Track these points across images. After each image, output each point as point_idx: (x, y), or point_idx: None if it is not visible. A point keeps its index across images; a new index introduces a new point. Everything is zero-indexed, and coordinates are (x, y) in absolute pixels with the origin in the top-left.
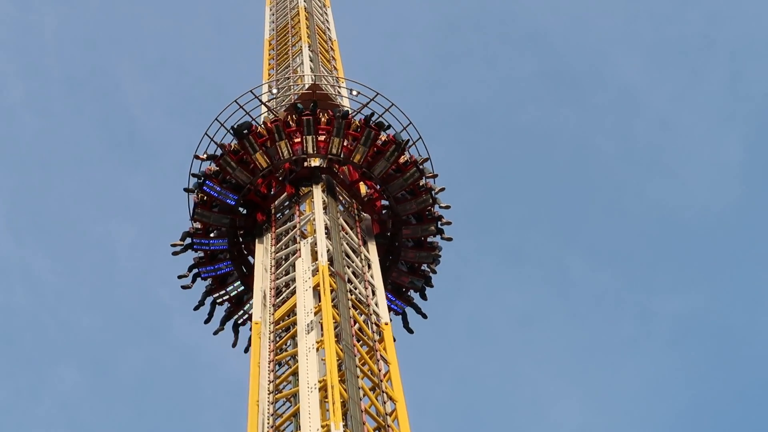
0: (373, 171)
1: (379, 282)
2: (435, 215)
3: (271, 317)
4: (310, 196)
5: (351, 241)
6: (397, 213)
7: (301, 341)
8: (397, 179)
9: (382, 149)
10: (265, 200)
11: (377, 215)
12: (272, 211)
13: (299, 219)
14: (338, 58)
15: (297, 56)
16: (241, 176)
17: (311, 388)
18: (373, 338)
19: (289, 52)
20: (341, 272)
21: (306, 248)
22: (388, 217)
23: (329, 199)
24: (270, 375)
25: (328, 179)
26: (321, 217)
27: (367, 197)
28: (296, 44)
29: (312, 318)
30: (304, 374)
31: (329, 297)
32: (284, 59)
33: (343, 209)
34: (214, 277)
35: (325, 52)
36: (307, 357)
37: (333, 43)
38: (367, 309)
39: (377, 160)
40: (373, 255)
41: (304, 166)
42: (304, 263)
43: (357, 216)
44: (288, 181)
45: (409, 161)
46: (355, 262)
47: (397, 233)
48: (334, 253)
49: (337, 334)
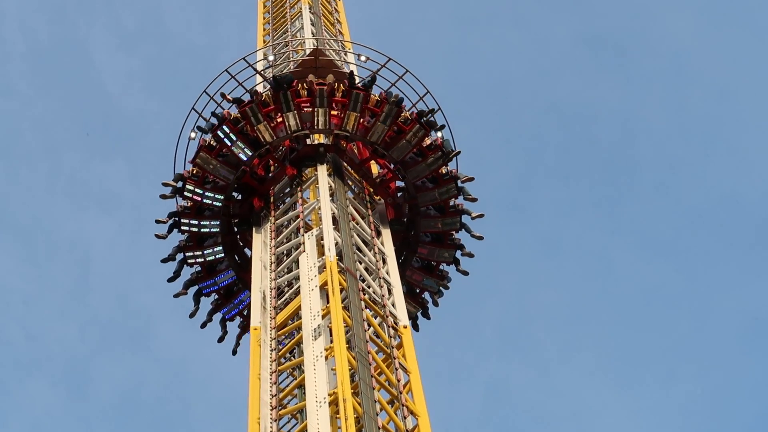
0: (392, 152)
1: (395, 279)
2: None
3: (272, 321)
4: (314, 181)
5: (362, 232)
6: (414, 198)
7: (307, 349)
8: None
9: (403, 128)
10: (263, 183)
11: (391, 198)
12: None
13: (302, 208)
14: (344, 21)
15: (296, 19)
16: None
17: (320, 403)
18: (390, 344)
19: (287, 15)
20: (352, 268)
21: (311, 242)
22: (404, 201)
23: (337, 182)
24: (272, 388)
25: (335, 159)
26: (328, 205)
27: (379, 178)
28: (295, 5)
29: (319, 322)
30: (311, 387)
31: (339, 297)
32: (281, 23)
33: (352, 195)
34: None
35: (328, 15)
36: (315, 367)
37: (338, 4)
38: (383, 310)
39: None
40: (389, 247)
41: (307, 144)
42: (310, 259)
43: (369, 203)
44: (289, 160)
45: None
46: (367, 257)
47: (415, 219)
48: (344, 247)
49: (348, 339)
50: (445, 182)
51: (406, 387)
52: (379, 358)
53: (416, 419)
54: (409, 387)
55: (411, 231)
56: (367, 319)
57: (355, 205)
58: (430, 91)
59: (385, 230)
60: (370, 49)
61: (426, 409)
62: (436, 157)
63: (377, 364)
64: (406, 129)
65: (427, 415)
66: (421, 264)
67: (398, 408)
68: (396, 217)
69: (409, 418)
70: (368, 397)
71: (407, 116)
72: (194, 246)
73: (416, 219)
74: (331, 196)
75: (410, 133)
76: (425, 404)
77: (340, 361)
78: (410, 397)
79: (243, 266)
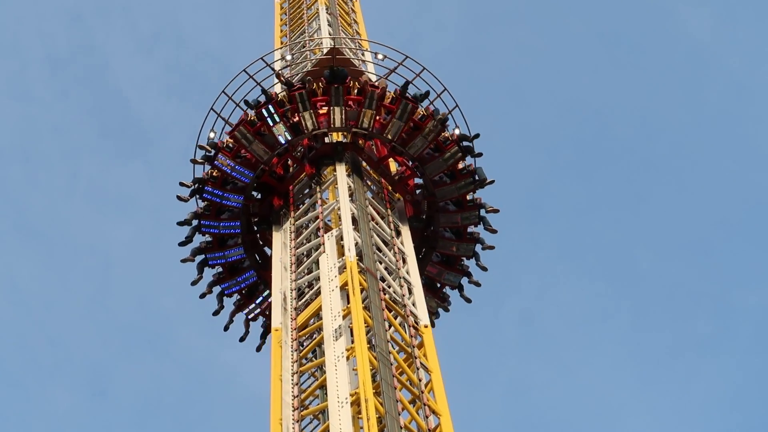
0: (409, 149)
1: (416, 278)
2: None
3: (292, 322)
4: (333, 181)
5: (382, 232)
6: (433, 195)
7: (328, 349)
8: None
9: (419, 124)
10: (282, 182)
11: (410, 195)
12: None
13: (322, 209)
14: (360, 21)
15: (313, 20)
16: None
17: (342, 403)
18: (411, 343)
19: (304, 16)
20: (372, 268)
21: (331, 242)
22: (423, 198)
23: (356, 181)
24: (294, 389)
25: (353, 157)
26: (347, 205)
27: (398, 175)
28: (312, 6)
29: (340, 322)
30: (333, 387)
31: (359, 297)
32: (299, 24)
33: (371, 195)
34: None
35: (345, 15)
36: (336, 367)
37: (354, 4)
38: (404, 310)
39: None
40: (408, 246)
41: (326, 143)
42: (330, 259)
43: (388, 202)
44: (307, 159)
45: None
46: (387, 257)
47: (434, 216)
48: (363, 247)
49: (369, 339)
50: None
51: (428, 386)
52: (400, 357)
53: (438, 418)
54: (430, 386)
55: (430, 227)
56: (387, 319)
57: (374, 205)
58: (448, 89)
59: (404, 229)
60: (387, 48)
61: (448, 408)
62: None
63: (398, 364)
64: (423, 125)
65: (449, 414)
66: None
67: (420, 407)
68: (415, 214)
69: (431, 417)
70: (390, 397)
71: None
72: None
73: (435, 215)
74: (350, 197)
75: (426, 128)
76: (447, 403)
77: (361, 361)
78: (432, 396)
79: (264, 266)
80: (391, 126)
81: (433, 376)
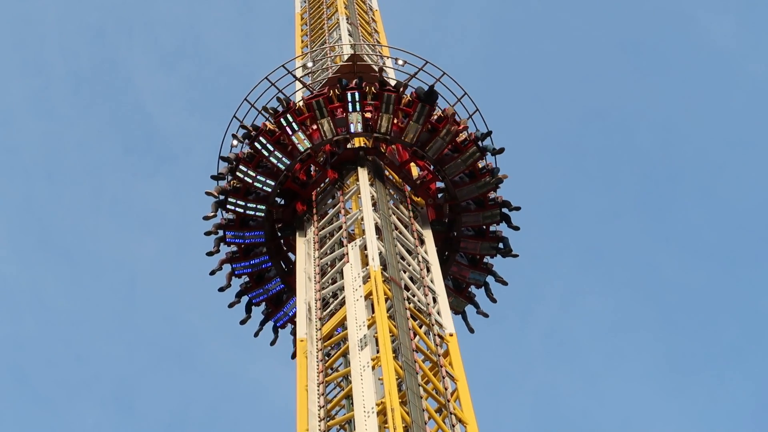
0: (427, 151)
1: (440, 287)
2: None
3: (318, 333)
4: (356, 191)
5: (406, 241)
6: (454, 197)
7: (354, 359)
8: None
9: (436, 126)
10: (305, 188)
11: (432, 200)
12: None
13: (345, 218)
14: (381, 31)
15: (334, 30)
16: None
17: (368, 413)
18: (436, 352)
19: (325, 27)
20: (396, 278)
21: (355, 252)
22: (444, 201)
23: (379, 190)
24: (320, 399)
25: (375, 161)
26: (371, 215)
27: (419, 180)
28: (332, 17)
29: (365, 332)
30: (359, 397)
31: (384, 307)
32: (319, 35)
33: (393, 203)
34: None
35: (365, 25)
36: (362, 377)
37: (375, 14)
38: (428, 319)
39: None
40: (432, 255)
41: (348, 148)
42: (354, 269)
43: (411, 211)
44: (330, 165)
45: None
46: (411, 266)
47: (456, 219)
48: (387, 256)
49: (394, 349)
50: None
51: (454, 395)
52: (425, 366)
53: (465, 427)
54: (456, 395)
55: (453, 230)
56: (412, 328)
57: (398, 214)
58: (468, 93)
59: (428, 237)
60: (407, 53)
61: (474, 416)
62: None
63: (424, 373)
64: (440, 127)
65: (476, 423)
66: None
67: (446, 416)
68: (437, 217)
69: (457, 426)
70: (416, 406)
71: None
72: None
73: (457, 218)
74: (373, 206)
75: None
76: (473, 412)
77: (387, 370)
78: (458, 404)
79: (290, 273)
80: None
81: (459, 384)
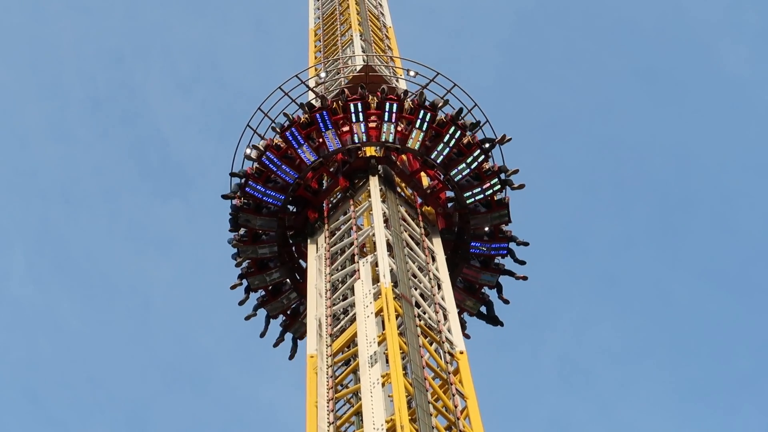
0: (434, 157)
1: (451, 304)
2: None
3: (328, 349)
4: (368, 208)
5: (417, 258)
6: (461, 202)
7: (364, 375)
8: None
9: (440, 131)
10: (317, 196)
11: (442, 208)
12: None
13: (356, 235)
14: (395, 47)
15: (347, 47)
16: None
17: (378, 430)
18: (446, 369)
19: (338, 43)
20: (407, 295)
21: (366, 268)
22: (454, 210)
23: (390, 203)
24: (330, 416)
25: (386, 170)
26: (382, 231)
27: (430, 189)
28: (345, 33)
29: (376, 348)
30: (368, 414)
31: (395, 323)
32: (333, 51)
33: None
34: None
35: (379, 41)
36: (372, 393)
37: (388, 30)
38: (439, 336)
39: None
40: (443, 272)
41: (359, 157)
42: (365, 286)
43: (422, 228)
44: (341, 173)
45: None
46: (422, 283)
47: (465, 227)
48: (399, 273)
49: (405, 366)
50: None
51: (464, 413)
52: (435, 384)
53: None
54: (466, 413)
55: (463, 237)
56: (423, 346)
57: (409, 231)
58: (478, 104)
59: (439, 255)
60: (419, 64)
61: None
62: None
63: (434, 390)
64: (443, 131)
65: None
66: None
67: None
68: (446, 226)
69: None
70: (426, 424)
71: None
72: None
73: (466, 226)
74: (385, 223)
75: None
76: (483, 430)
77: (397, 387)
78: (468, 422)
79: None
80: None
81: (469, 402)
